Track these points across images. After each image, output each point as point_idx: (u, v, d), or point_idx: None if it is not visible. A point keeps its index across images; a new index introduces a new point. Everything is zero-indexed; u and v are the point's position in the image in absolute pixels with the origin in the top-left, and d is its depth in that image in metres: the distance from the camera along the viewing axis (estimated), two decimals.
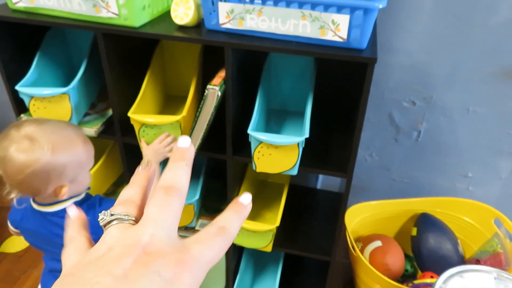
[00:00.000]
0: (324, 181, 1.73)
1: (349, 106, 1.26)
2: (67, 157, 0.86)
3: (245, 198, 0.34)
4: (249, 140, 1.02)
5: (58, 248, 0.93)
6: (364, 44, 0.90)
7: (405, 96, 1.50)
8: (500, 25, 1.29)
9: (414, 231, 1.51)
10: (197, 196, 1.23)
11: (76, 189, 0.92)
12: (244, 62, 1.12)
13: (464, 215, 1.53)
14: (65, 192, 0.88)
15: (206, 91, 0.99)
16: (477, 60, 1.37)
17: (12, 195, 0.88)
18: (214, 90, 0.99)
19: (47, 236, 0.95)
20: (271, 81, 1.29)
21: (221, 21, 0.97)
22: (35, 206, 0.94)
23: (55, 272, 1.01)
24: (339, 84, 1.34)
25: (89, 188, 0.98)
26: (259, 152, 1.03)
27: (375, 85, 1.48)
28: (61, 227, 0.91)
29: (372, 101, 1.52)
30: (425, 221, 1.50)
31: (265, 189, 1.53)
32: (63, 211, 0.92)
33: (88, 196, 0.98)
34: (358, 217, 1.54)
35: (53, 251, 0.99)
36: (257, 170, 1.06)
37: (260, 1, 0.91)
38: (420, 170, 1.67)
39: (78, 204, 0.93)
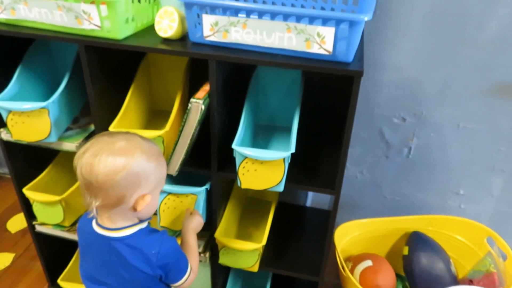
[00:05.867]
0: (314, 199, 1.71)
1: (338, 121, 1.24)
2: (155, 164, 0.87)
3: None
4: (234, 155, 1.00)
5: (117, 279, 0.90)
6: (350, 57, 0.89)
7: (395, 112, 1.49)
8: (489, 42, 1.29)
9: (405, 250, 1.48)
10: None
11: (147, 209, 0.89)
12: (230, 76, 1.10)
13: (457, 234, 1.51)
14: (147, 202, 0.86)
15: (190, 104, 0.97)
16: (467, 76, 1.37)
17: (95, 203, 0.84)
18: (198, 103, 0.96)
19: (109, 264, 0.90)
20: (259, 96, 1.27)
21: (205, 34, 0.95)
22: (98, 229, 0.90)
23: None
24: (327, 98, 1.33)
25: (150, 218, 0.95)
26: (243, 167, 1.00)
27: (365, 101, 1.47)
28: (124, 256, 0.87)
29: (362, 117, 1.51)
30: (417, 240, 1.47)
31: (252, 207, 1.49)
32: (130, 237, 0.88)
33: (151, 228, 0.95)
34: (348, 236, 1.50)
35: (109, 284, 0.93)
36: (242, 187, 1.03)
37: (244, 14, 0.90)
38: (412, 187, 1.65)
39: (145, 233, 0.91)
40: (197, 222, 1.10)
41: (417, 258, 1.41)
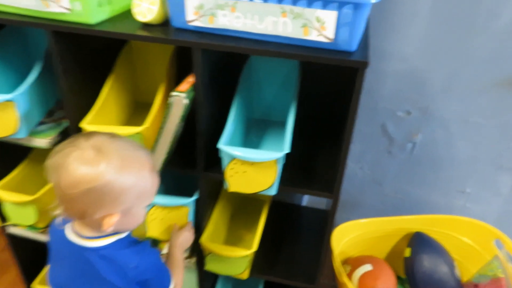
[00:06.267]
0: (310, 198, 1.63)
1: (338, 116, 1.15)
2: (132, 180, 0.74)
3: None
4: (220, 155, 0.89)
5: None
6: (353, 46, 0.78)
7: (400, 106, 1.41)
8: (502, 30, 1.21)
9: (407, 252, 1.41)
10: None
11: (126, 223, 0.78)
12: (218, 65, 0.99)
13: (462, 235, 1.45)
14: (112, 223, 0.74)
15: (170, 98, 0.86)
16: (478, 67, 1.29)
17: (57, 212, 0.75)
18: (180, 97, 0.86)
19: (81, 275, 0.81)
20: (252, 88, 1.17)
21: (189, 18, 0.84)
22: (71, 236, 0.80)
23: None
24: (327, 91, 1.23)
25: None
26: (232, 169, 0.90)
27: (367, 93, 1.40)
28: (97, 269, 0.78)
29: (363, 110, 1.44)
30: (419, 241, 1.41)
31: (244, 206, 1.41)
32: (105, 248, 0.78)
33: (133, 238, 0.84)
34: (346, 237, 1.43)
35: None
36: (230, 190, 0.93)
37: None
38: (415, 185, 1.58)
39: (124, 244, 0.80)
40: (185, 238, 1.02)
41: (419, 261, 1.36)
